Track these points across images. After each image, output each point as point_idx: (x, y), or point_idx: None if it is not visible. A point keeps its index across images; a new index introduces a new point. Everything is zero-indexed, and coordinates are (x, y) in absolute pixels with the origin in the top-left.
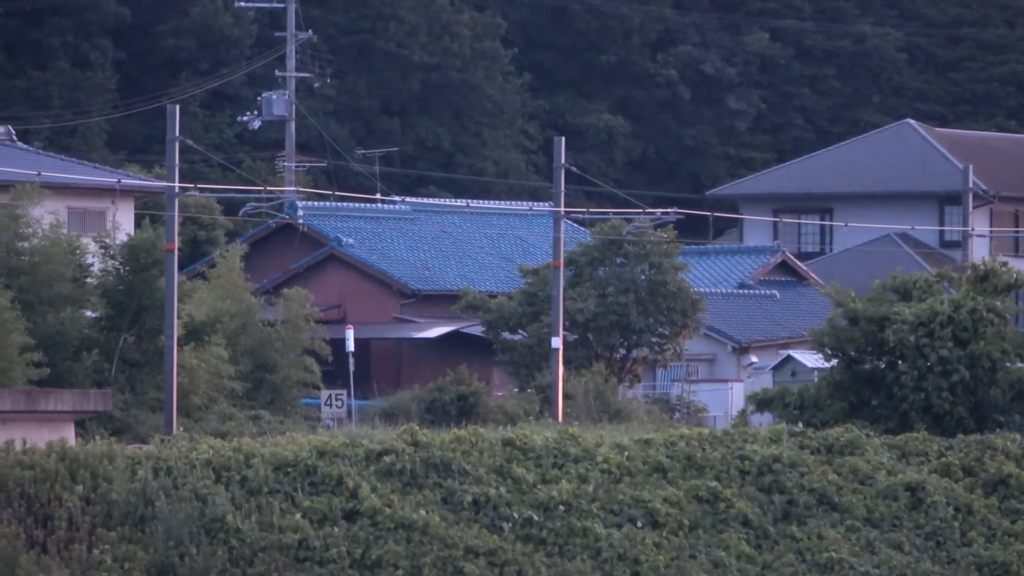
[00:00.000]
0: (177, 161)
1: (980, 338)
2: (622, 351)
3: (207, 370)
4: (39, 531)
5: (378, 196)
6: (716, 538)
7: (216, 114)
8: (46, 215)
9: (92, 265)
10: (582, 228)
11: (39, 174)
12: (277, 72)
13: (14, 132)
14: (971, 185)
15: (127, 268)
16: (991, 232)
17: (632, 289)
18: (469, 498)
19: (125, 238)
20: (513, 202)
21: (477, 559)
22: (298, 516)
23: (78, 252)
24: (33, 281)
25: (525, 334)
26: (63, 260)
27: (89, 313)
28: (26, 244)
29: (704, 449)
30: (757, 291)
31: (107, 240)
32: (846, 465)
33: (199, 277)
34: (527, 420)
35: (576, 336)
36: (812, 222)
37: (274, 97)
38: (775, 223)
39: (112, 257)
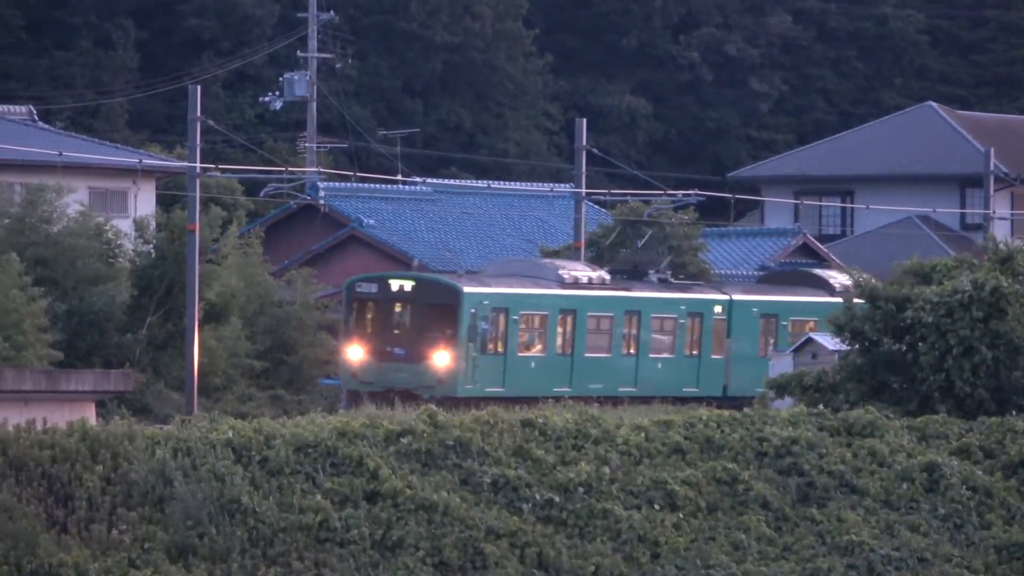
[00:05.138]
0: (198, 141)
1: (1003, 316)
2: None
3: (224, 349)
4: (59, 511)
5: (399, 177)
6: (735, 520)
7: (238, 94)
8: (72, 202)
9: (120, 246)
10: (603, 210)
11: (61, 154)
12: (299, 52)
13: (36, 112)
14: (993, 168)
15: (161, 249)
16: (1012, 215)
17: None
18: (488, 479)
19: (144, 218)
20: (534, 183)
21: (498, 540)
22: (319, 497)
23: (109, 232)
24: (60, 262)
25: None
26: (90, 243)
27: (119, 295)
28: (53, 229)
29: (723, 431)
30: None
31: (142, 224)
32: (865, 447)
33: (209, 262)
34: (547, 400)
35: None
36: (833, 204)
37: (296, 78)
38: (796, 205)
39: (147, 241)
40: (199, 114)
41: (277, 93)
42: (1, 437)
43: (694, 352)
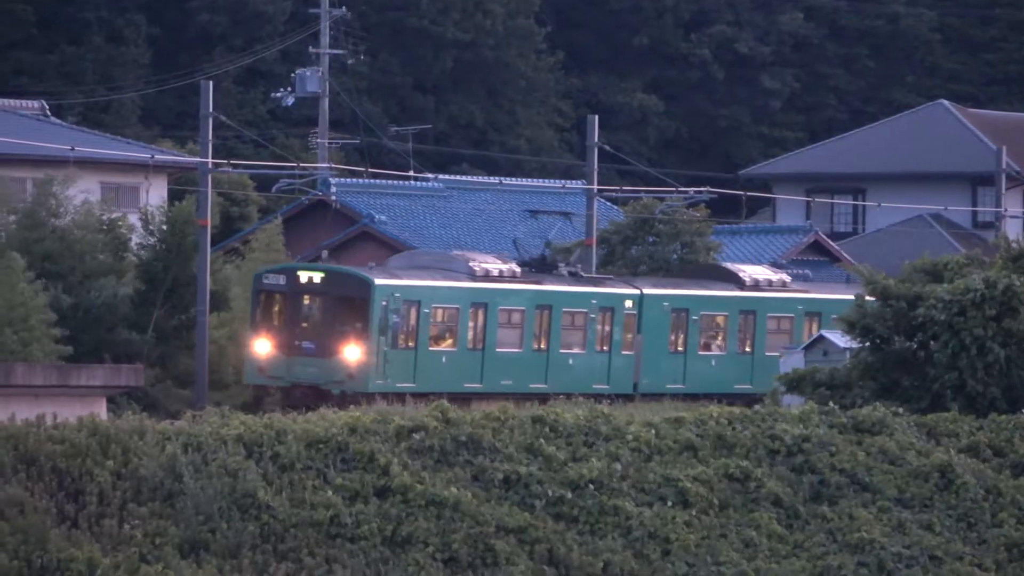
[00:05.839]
0: (210, 137)
1: (1015, 314)
2: None
3: (235, 342)
4: (70, 506)
5: (411, 173)
6: (747, 517)
7: (249, 90)
8: (79, 193)
9: (130, 240)
10: (615, 206)
11: (73, 149)
12: (311, 49)
13: (48, 107)
14: (1004, 166)
15: (164, 244)
16: None
17: (664, 268)
18: (500, 475)
19: (157, 213)
20: (546, 180)
21: (508, 536)
22: (330, 493)
23: (121, 227)
24: (68, 257)
25: None
26: (97, 237)
27: (124, 289)
28: (60, 222)
29: (734, 428)
30: (789, 271)
31: (148, 216)
32: (876, 445)
33: (234, 252)
34: (557, 397)
35: None
36: (845, 202)
37: (307, 74)
38: (808, 203)
39: (152, 234)
40: (211, 110)
41: (289, 89)
42: (12, 432)
43: (604, 348)
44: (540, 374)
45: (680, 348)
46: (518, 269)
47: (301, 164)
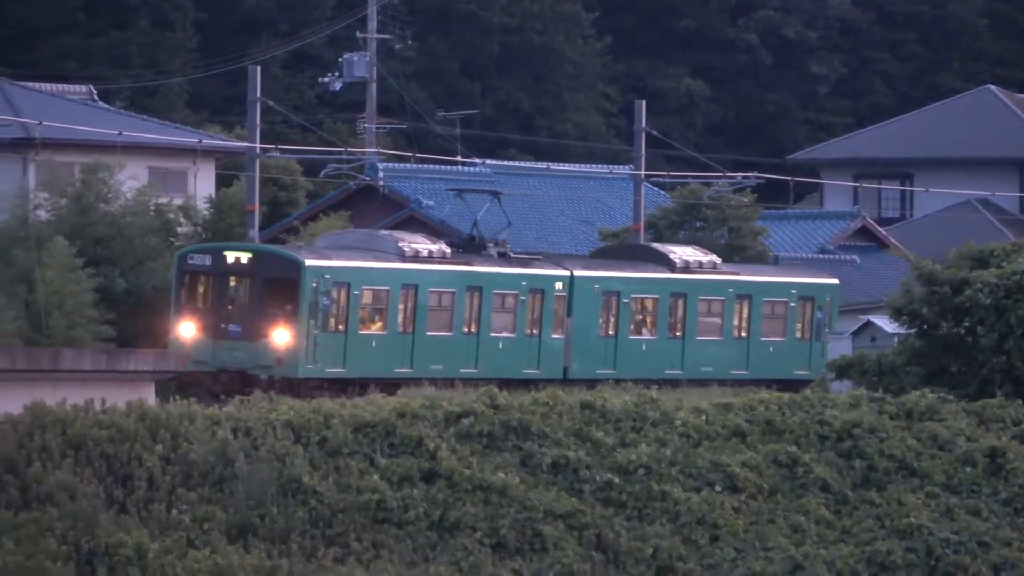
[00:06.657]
0: (258, 122)
1: None
2: None
3: None
4: (119, 490)
5: (458, 158)
6: (795, 503)
7: (297, 75)
8: (127, 179)
9: (180, 224)
10: (662, 192)
11: (120, 134)
12: (358, 34)
13: (95, 92)
14: None
15: (210, 232)
16: None
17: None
18: (548, 461)
19: (206, 199)
20: (593, 165)
21: (556, 521)
22: (376, 477)
23: (169, 213)
24: (119, 241)
25: None
26: (148, 222)
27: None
28: (111, 207)
29: (783, 414)
30: (837, 256)
31: (191, 204)
32: (925, 431)
33: (293, 232)
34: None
35: None
36: (892, 187)
37: (355, 59)
38: (855, 188)
39: (196, 224)
40: (259, 95)
41: (336, 74)
42: (60, 416)
43: (535, 331)
44: (471, 358)
45: (611, 332)
46: (448, 249)
47: (349, 149)
